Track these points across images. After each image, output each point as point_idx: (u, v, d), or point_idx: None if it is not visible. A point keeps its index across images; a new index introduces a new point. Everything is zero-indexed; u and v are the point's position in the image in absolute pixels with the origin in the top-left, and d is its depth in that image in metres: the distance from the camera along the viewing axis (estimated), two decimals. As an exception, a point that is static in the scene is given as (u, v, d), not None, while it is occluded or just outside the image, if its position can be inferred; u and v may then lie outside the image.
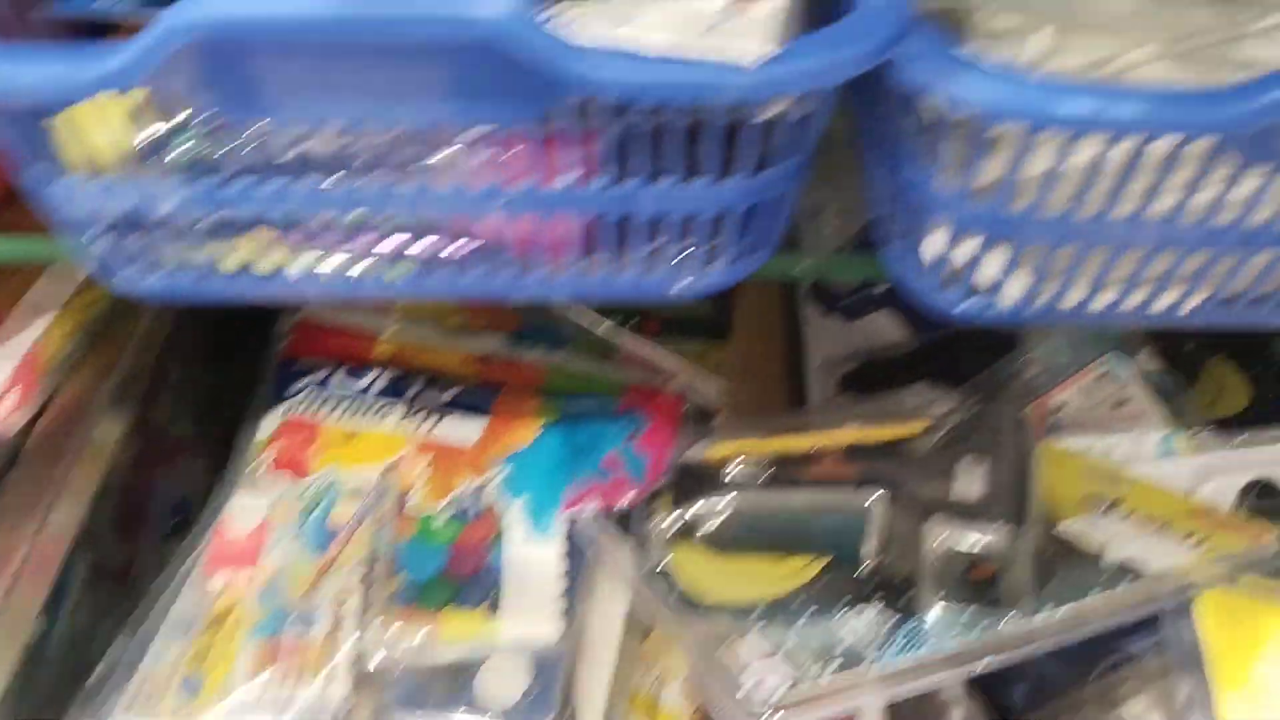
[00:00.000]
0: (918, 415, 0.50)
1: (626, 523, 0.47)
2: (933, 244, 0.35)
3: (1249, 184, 0.31)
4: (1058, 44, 0.38)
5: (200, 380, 0.62)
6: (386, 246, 0.35)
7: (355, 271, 0.36)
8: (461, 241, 0.36)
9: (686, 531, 0.43)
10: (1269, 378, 0.59)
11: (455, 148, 0.32)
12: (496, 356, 0.59)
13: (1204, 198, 0.31)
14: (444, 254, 0.36)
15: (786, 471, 0.45)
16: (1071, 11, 0.38)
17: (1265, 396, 0.59)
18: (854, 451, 0.47)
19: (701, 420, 0.56)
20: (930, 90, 0.28)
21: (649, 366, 0.60)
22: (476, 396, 0.55)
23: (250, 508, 0.51)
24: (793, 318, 0.63)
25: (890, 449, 0.48)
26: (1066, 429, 0.55)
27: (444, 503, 0.51)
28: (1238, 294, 0.36)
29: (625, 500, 0.48)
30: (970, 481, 0.43)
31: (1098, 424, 0.55)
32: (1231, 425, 0.59)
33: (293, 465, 0.53)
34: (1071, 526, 0.44)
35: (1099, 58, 0.38)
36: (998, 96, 0.27)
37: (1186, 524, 0.44)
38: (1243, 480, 0.48)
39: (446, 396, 0.55)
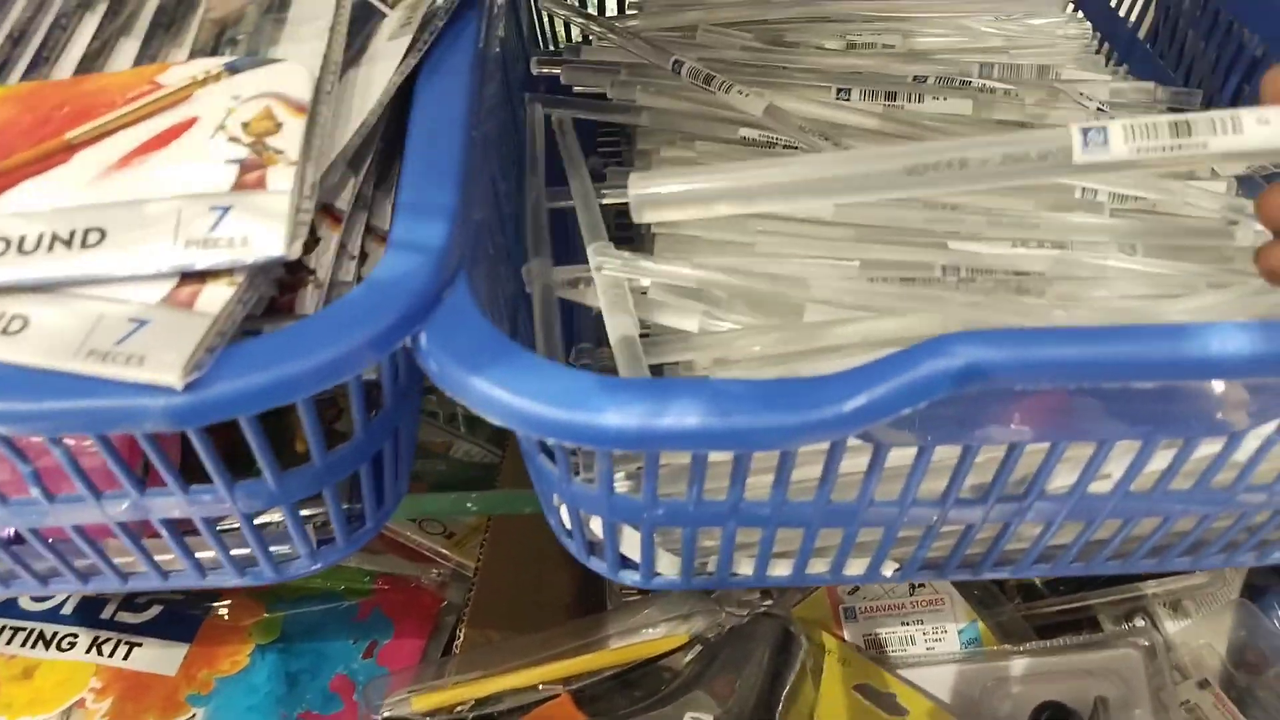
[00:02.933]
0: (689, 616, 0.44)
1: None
2: (563, 513, 0.29)
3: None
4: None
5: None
6: None
7: None
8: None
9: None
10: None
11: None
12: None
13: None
14: None
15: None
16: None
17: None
18: (581, 694, 0.40)
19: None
20: (450, 391, 0.22)
21: (404, 552, 0.53)
22: (183, 612, 0.48)
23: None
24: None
25: (625, 682, 0.41)
26: (861, 618, 0.49)
27: (127, 754, 0.44)
28: (940, 558, 0.30)
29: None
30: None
31: (894, 611, 0.49)
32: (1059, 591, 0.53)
33: (-50, 715, 0.45)
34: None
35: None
36: (517, 409, 0.21)
37: (953, 776, 0.37)
38: (1038, 697, 0.41)
39: (146, 616, 0.48)
